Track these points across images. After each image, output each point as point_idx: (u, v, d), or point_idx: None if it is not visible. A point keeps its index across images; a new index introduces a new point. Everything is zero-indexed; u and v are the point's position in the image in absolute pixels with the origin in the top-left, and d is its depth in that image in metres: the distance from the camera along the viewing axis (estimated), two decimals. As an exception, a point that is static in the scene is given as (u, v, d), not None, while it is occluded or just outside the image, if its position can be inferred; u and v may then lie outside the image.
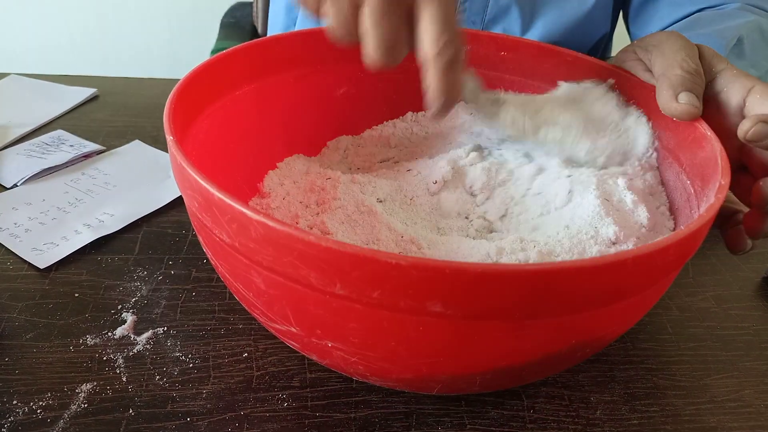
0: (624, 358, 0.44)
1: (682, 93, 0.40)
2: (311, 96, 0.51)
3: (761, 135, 0.38)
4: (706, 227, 0.32)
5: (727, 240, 0.42)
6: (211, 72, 0.43)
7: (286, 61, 0.48)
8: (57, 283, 0.46)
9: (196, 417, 0.38)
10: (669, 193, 0.43)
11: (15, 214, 0.53)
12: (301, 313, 0.32)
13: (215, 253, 0.35)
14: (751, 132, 0.38)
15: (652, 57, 0.45)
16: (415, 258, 0.26)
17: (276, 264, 0.29)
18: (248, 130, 0.47)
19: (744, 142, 0.39)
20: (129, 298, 0.46)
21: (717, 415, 0.41)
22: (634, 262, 0.28)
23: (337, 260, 0.27)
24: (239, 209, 0.29)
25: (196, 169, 0.31)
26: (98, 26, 1.74)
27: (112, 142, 0.64)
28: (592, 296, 0.29)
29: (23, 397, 0.38)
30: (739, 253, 0.42)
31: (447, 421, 0.39)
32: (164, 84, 0.77)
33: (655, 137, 0.44)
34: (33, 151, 0.61)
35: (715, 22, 0.60)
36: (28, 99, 0.71)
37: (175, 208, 0.55)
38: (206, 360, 0.41)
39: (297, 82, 0.49)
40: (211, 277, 0.48)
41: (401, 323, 0.29)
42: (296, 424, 0.38)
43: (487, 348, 0.31)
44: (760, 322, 0.48)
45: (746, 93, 0.41)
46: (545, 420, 0.39)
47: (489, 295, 0.27)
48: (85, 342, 0.42)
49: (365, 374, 0.35)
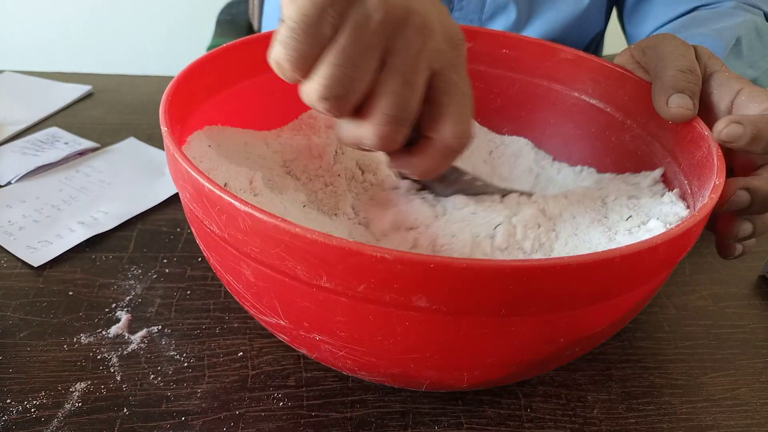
0: (621, 356, 0.44)
1: (674, 95, 0.40)
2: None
3: (734, 136, 0.37)
4: (699, 227, 0.32)
5: (717, 247, 0.42)
6: (210, 66, 0.43)
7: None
8: (51, 281, 0.46)
9: (190, 416, 0.37)
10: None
11: (9, 211, 0.52)
12: (289, 305, 0.32)
13: (207, 245, 0.35)
14: (724, 132, 0.38)
15: (648, 59, 0.45)
16: (400, 252, 0.26)
17: (264, 256, 0.29)
18: (247, 125, 0.47)
19: (719, 143, 0.38)
20: (123, 297, 0.45)
21: (713, 414, 0.41)
22: (623, 260, 0.28)
23: (322, 252, 0.27)
24: (228, 200, 0.29)
25: (188, 160, 0.31)
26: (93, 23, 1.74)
27: (106, 140, 0.64)
28: (579, 294, 0.29)
29: (17, 395, 0.38)
30: (729, 257, 0.41)
31: (444, 420, 0.39)
32: (159, 81, 0.77)
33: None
34: (27, 149, 0.60)
35: (712, 21, 0.60)
36: (22, 96, 0.70)
37: (169, 206, 0.55)
38: (201, 359, 0.41)
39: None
40: (206, 275, 0.48)
41: (387, 317, 0.29)
42: (292, 423, 0.38)
43: (474, 344, 0.31)
44: (756, 320, 0.48)
45: (734, 96, 0.41)
46: (542, 419, 0.39)
47: (474, 290, 0.27)
48: (79, 341, 0.42)
49: (354, 369, 0.35)
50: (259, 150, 0.46)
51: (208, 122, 0.44)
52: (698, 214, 0.31)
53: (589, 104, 0.50)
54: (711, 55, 0.43)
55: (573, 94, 0.51)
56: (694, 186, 0.40)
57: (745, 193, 0.36)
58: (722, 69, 0.42)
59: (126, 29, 1.75)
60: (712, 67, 0.43)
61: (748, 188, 0.36)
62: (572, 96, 0.51)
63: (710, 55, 0.43)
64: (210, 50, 0.44)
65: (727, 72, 0.42)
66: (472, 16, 0.69)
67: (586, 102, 0.50)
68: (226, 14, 1.10)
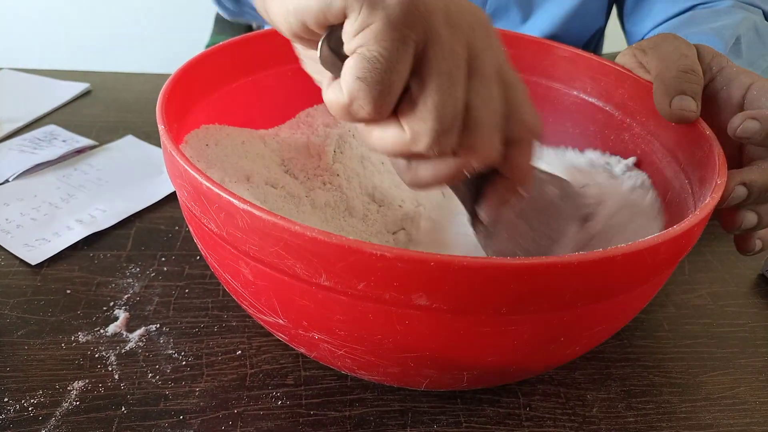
0: (620, 355, 0.44)
1: (676, 97, 0.40)
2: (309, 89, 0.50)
3: (750, 131, 0.37)
4: (700, 226, 0.32)
5: (736, 242, 0.42)
6: (207, 64, 0.43)
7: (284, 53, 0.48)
8: (49, 279, 0.46)
9: (189, 415, 0.37)
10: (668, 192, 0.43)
11: (6, 209, 0.52)
12: (288, 304, 0.32)
13: (205, 244, 0.35)
14: (740, 128, 0.38)
15: (650, 59, 0.45)
16: (400, 250, 0.26)
17: (262, 254, 0.29)
18: (244, 122, 0.47)
19: (734, 139, 0.38)
20: (121, 295, 0.45)
21: (712, 413, 0.40)
22: (624, 259, 0.28)
23: (322, 251, 0.27)
24: (226, 198, 0.29)
25: (186, 158, 0.31)
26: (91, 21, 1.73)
27: (104, 138, 0.63)
28: (580, 293, 0.29)
29: (14, 394, 0.37)
30: (748, 253, 0.41)
31: (443, 419, 0.38)
32: (157, 79, 0.77)
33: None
34: (25, 147, 0.60)
35: (711, 19, 0.60)
36: (19, 94, 0.70)
37: (167, 204, 0.55)
38: (199, 357, 0.41)
39: (295, 75, 0.49)
40: (205, 273, 0.48)
41: (387, 316, 0.29)
42: (290, 422, 0.38)
43: (473, 343, 0.31)
44: (755, 319, 0.48)
45: (745, 90, 0.41)
46: (541, 418, 0.39)
47: (474, 289, 0.27)
48: (77, 339, 0.42)
49: (353, 368, 0.35)
50: (256, 149, 0.46)
51: (205, 120, 0.44)
52: (699, 213, 0.31)
53: (588, 103, 0.50)
54: (715, 53, 0.43)
55: (572, 93, 0.51)
56: (694, 185, 0.39)
57: (742, 188, 0.37)
58: (729, 65, 0.42)
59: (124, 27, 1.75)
60: (719, 64, 0.42)
61: (744, 183, 0.37)
62: (571, 94, 0.51)
63: (714, 53, 0.43)
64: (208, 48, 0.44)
65: (735, 67, 0.42)
66: None
67: (585, 100, 0.50)
68: (225, 12, 1.09)
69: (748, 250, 0.41)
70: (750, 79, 0.41)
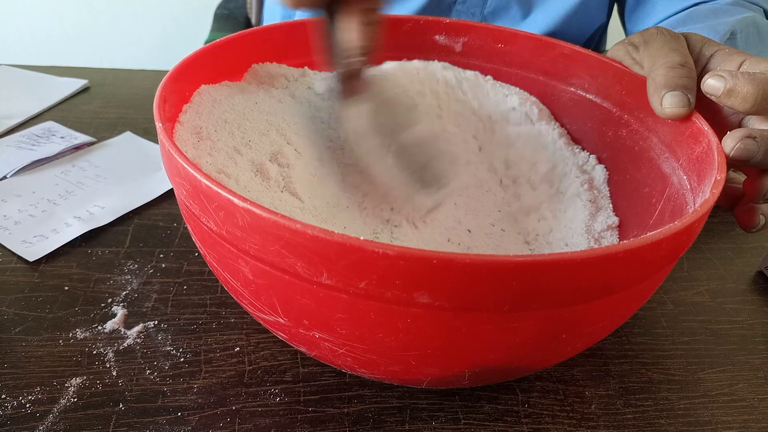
0: (619, 352, 0.44)
1: (668, 94, 0.40)
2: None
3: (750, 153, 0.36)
4: (700, 222, 0.32)
5: (739, 219, 0.41)
6: (205, 60, 0.42)
7: (283, 50, 0.48)
8: (46, 276, 0.46)
9: (187, 412, 0.37)
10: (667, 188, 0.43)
11: (4, 206, 0.52)
12: (288, 302, 0.31)
13: (203, 242, 0.35)
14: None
15: (641, 55, 0.45)
16: (402, 248, 0.26)
17: (263, 252, 0.29)
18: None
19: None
20: (119, 292, 0.45)
21: (710, 409, 0.41)
22: (625, 255, 0.28)
23: (323, 249, 0.27)
24: (226, 196, 0.28)
25: (184, 156, 0.31)
26: (89, 17, 1.73)
27: (102, 134, 0.63)
28: (581, 289, 0.29)
29: (12, 391, 0.37)
30: (752, 230, 0.40)
31: (441, 416, 0.38)
32: (156, 76, 0.77)
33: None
34: (23, 143, 0.60)
35: (709, 17, 0.60)
36: (18, 90, 0.70)
37: (166, 200, 0.55)
38: (197, 354, 0.41)
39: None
40: (203, 270, 0.48)
41: (389, 314, 0.29)
42: (289, 419, 0.38)
43: (476, 341, 0.31)
44: (753, 316, 0.48)
45: (739, 66, 0.41)
46: (540, 414, 0.39)
47: (477, 286, 0.27)
48: (74, 336, 0.41)
49: (354, 366, 0.35)
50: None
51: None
52: (700, 209, 0.31)
53: (585, 99, 0.50)
54: (705, 39, 0.43)
55: (569, 89, 0.50)
56: (693, 181, 0.39)
57: (751, 141, 0.35)
58: (721, 48, 0.42)
59: (123, 23, 1.74)
60: (711, 49, 0.42)
61: (751, 136, 0.35)
62: (568, 91, 0.51)
63: (704, 39, 0.43)
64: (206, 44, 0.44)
65: (726, 49, 0.42)
66: (474, 9, 0.69)
67: (583, 97, 0.50)
68: (224, 8, 1.09)
69: (753, 226, 0.40)
70: (742, 57, 0.41)
